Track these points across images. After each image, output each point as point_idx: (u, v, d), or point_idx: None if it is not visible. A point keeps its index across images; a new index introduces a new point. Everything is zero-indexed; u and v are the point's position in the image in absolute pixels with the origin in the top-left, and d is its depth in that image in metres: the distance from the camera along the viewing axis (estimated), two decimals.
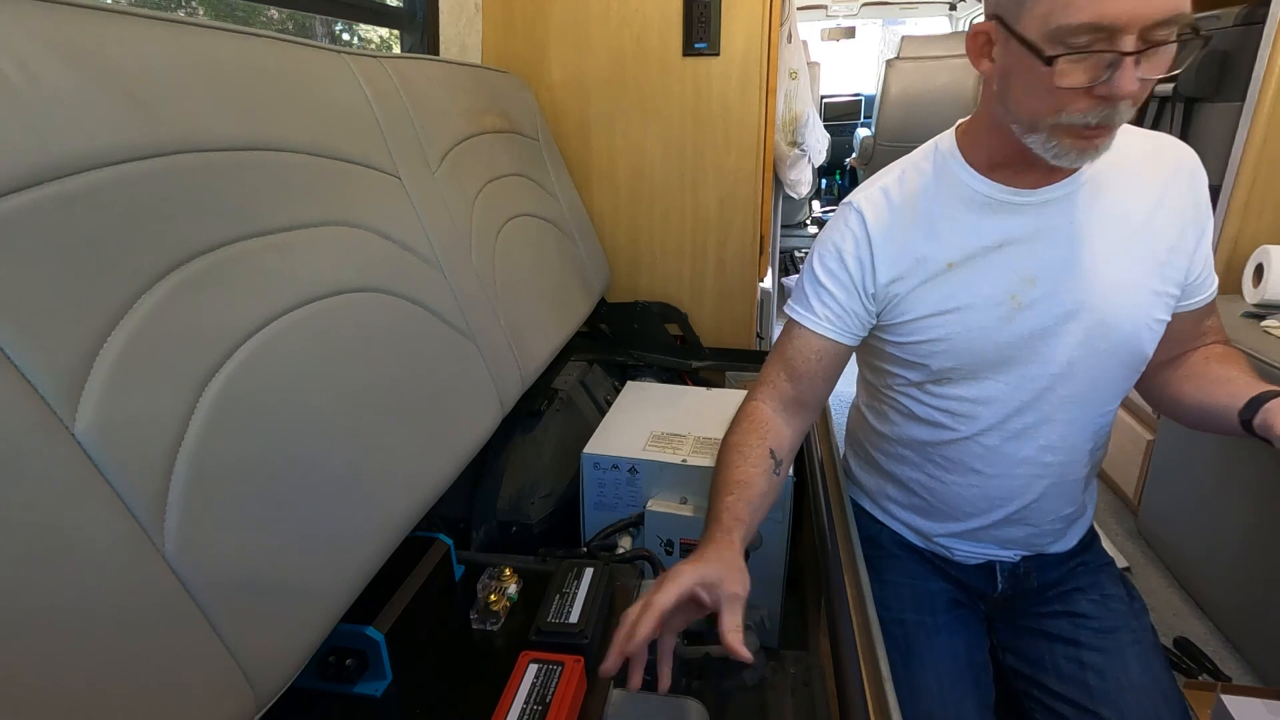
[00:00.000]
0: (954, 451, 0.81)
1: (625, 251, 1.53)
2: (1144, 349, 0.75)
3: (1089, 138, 0.63)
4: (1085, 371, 0.75)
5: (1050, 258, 0.72)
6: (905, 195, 0.77)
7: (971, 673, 0.80)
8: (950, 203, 0.75)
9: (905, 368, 0.81)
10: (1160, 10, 0.55)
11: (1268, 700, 0.83)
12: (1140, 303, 0.73)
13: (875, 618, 0.72)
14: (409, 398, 0.70)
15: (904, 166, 0.79)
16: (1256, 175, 1.36)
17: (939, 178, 0.76)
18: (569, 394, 1.20)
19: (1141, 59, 0.57)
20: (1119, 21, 0.55)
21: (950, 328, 0.75)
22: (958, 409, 0.79)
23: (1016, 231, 0.73)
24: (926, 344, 0.77)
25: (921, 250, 0.75)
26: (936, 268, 0.75)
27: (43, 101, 0.41)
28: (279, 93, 0.64)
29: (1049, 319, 0.73)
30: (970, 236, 0.74)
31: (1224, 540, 1.28)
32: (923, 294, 0.76)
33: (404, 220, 0.78)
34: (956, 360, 0.76)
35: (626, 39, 1.37)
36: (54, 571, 0.36)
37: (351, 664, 0.63)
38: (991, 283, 0.74)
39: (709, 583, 0.60)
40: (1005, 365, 0.76)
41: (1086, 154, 0.64)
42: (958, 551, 0.87)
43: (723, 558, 0.63)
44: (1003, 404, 0.77)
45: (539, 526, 1.00)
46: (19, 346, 0.37)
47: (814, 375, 0.80)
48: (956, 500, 0.83)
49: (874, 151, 3.83)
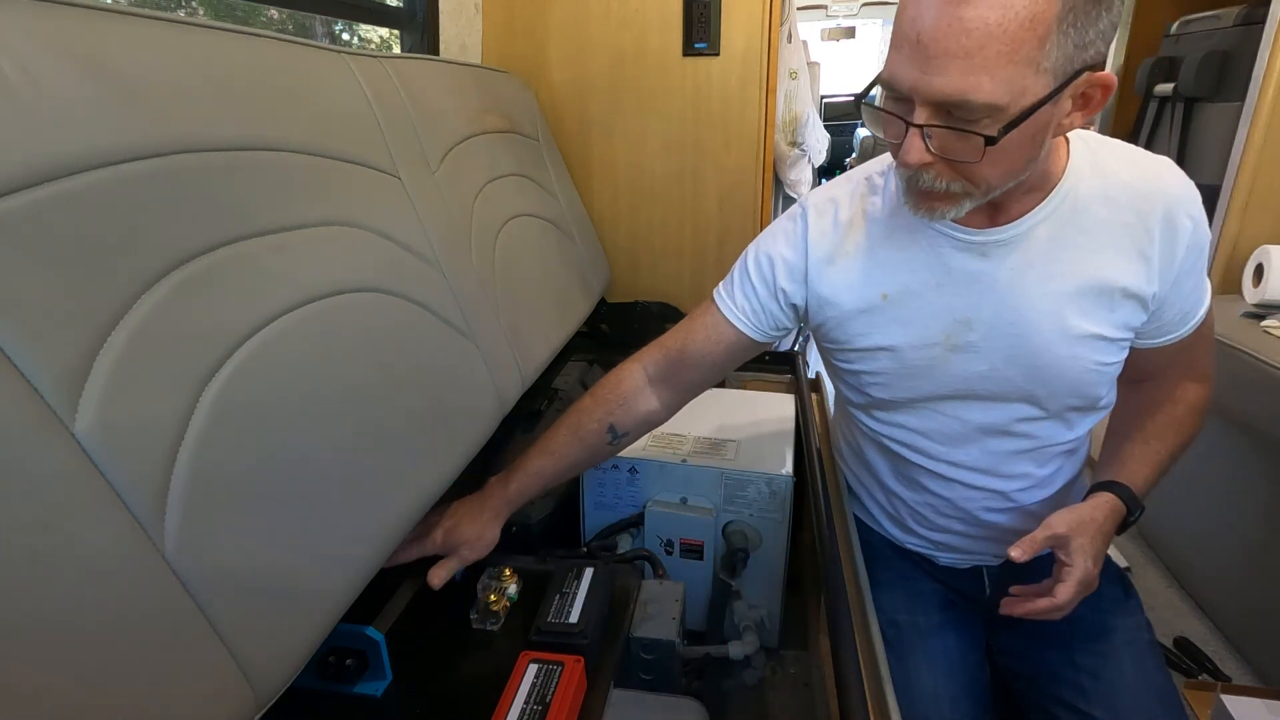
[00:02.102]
0: (908, 470, 0.82)
1: (625, 251, 1.53)
2: (1090, 391, 0.72)
3: (923, 196, 0.62)
4: (1027, 411, 0.73)
5: (988, 300, 0.69)
6: (853, 215, 0.74)
7: (966, 674, 0.80)
8: (895, 230, 0.72)
9: (851, 390, 0.81)
10: (941, 90, 0.52)
11: (1268, 700, 0.83)
12: (1080, 352, 0.69)
13: (875, 617, 0.72)
14: (409, 397, 0.70)
15: (862, 177, 0.76)
16: (1256, 175, 1.36)
17: (886, 199, 0.73)
18: (569, 394, 1.20)
19: (935, 136, 0.55)
20: (902, 88, 0.55)
21: (883, 363, 0.74)
22: (902, 437, 0.79)
23: (956, 273, 0.69)
24: (864, 375, 0.77)
25: (857, 277, 0.73)
26: (871, 298, 0.72)
27: (42, 101, 0.41)
28: (279, 93, 0.64)
29: (983, 364, 0.71)
30: (909, 270, 0.71)
31: (1224, 540, 1.28)
32: (856, 323, 0.74)
33: (404, 220, 0.78)
34: (892, 394, 0.76)
35: (626, 39, 1.37)
36: (54, 571, 0.36)
37: (351, 664, 0.63)
38: (924, 322, 0.71)
39: (452, 544, 0.75)
40: (943, 402, 0.75)
41: (922, 210, 0.63)
42: (942, 558, 0.87)
43: (470, 519, 0.77)
44: (945, 437, 0.77)
45: (539, 526, 1.00)
46: (19, 346, 0.37)
47: (708, 359, 0.80)
48: (919, 514, 0.84)
49: (874, 152, 3.83)
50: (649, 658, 0.73)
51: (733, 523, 0.94)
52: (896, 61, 0.55)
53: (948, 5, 0.50)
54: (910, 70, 0.53)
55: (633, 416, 0.81)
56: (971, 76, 0.51)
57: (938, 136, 0.56)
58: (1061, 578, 0.67)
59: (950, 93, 0.52)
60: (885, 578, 0.87)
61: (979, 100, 0.52)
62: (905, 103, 0.56)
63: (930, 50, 0.52)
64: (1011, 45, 0.50)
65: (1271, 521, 1.14)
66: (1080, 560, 0.66)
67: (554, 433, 0.82)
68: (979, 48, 0.50)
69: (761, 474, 0.90)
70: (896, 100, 0.57)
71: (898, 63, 0.54)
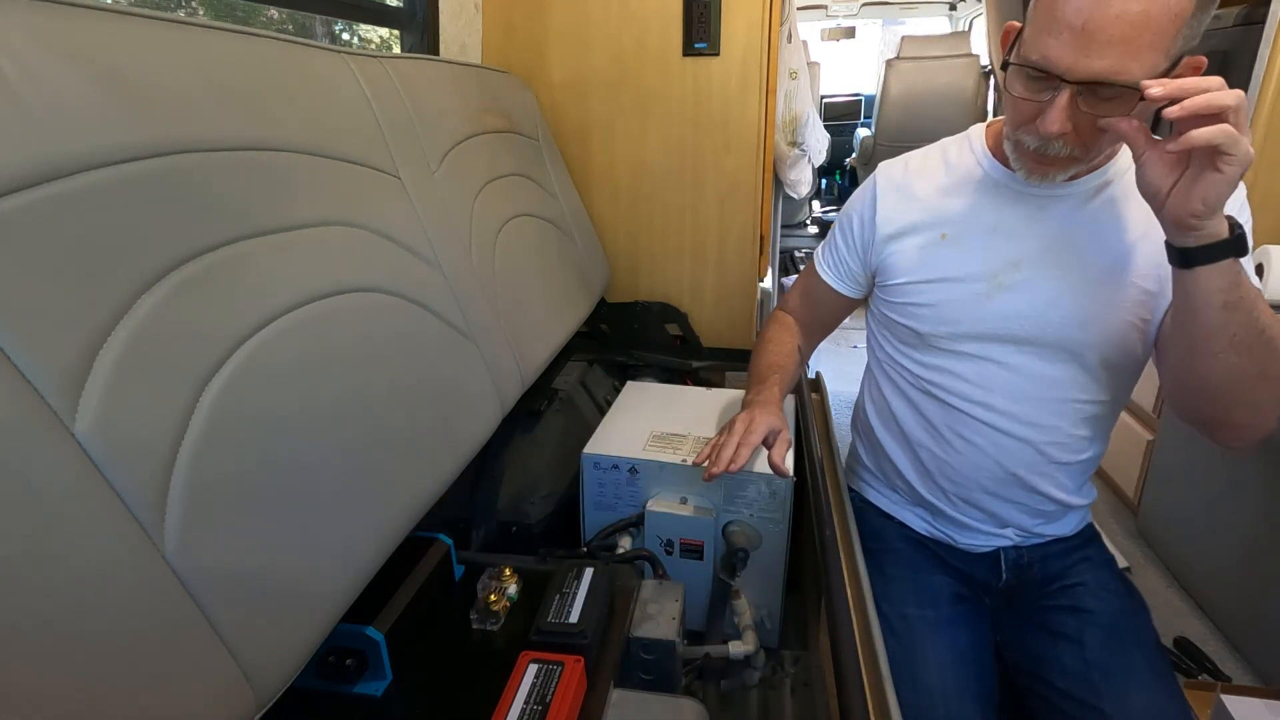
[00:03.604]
0: (944, 418, 0.85)
1: (625, 251, 1.53)
2: (1125, 345, 0.76)
3: (1039, 162, 0.70)
4: (1063, 358, 0.78)
5: (1039, 248, 0.77)
6: (921, 166, 0.86)
7: (974, 668, 0.80)
8: (958, 179, 0.82)
9: (896, 328, 0.88)
10: (1099, 71, 0.59)
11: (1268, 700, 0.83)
12: (1120, 302, 0.74)
13: (875, 617, 0.72)
14: (409, 398, 0.70)
15: (934, 146, 0.87)
16: (1257, 175, 1.36)
17: (958, 157, 0.83)
18: (569, 394, 1.20)
19: (1083, 98, 0.62)
20: (1058, 67, 0.61)
21: (935, 295, 0.82)
22: (942, 380, 0.84)
23: (1013, 219, 0.78)
24: (913, 306, 0.84)
25: (920, 215, 0.83)
26: (931, 235, 0.82)
27: (42, 101, 0.41)
28: (279, 93, 0.64)
29: (1026, 304, 0.77)
30: (968, 212, 0.80)
31: (1224, 540, 1.28)
32: (914, 257, 0.83)
33: (404, 220, 0.78)
34: (938, 326, 0.82)
35: (626, 39, 1.37)
36: (53, 572, 0.36)
37: (351, 664, 0.63)
38: (978, 259, 0.79)
39: (774, 429, 0.86)
40: (984, 340, 0.80)
41: (1035, 175, 0.72)
42: (961, 541, 0.87)
43: (777, 414, 0.89)
44: (982, 376, 0.81)
45: (539, 526, 1.00)
46: (19, 346, 0.37)
47: (823, 307, 0.98)
48: (947, 468, 0.86)
49: (874, 151, 3.83)
50: (649, 658, 0.73)
51: (733, 523, 0.94)
52: (1054, 46, 0.61)
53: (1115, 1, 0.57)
54: (1069, 54, 0.60)
55: (802, 342, 1.01)
56: (1125, 60, 0.58)
57: (1087, 99, 0.62)
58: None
59: (1104, 73, 0.59)
60: (896, 570, 0.88)
61: (1127, 80, 0.59)
62: (1048, 80, 0.63)
63: (1095, 37, 0.58)
64: (1158, 35, 0.58)
65: (1271, 521, 1.14)
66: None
67: (766, 354, 0.98)
68: (1136, 36, 0.58)
69: (761, 474, 0.90)
70: (1037, 78, 0.64)
71: (1054, 47, 0.61)
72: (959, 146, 0.84)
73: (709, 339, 1.52)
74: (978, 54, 3.61)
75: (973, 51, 3.63)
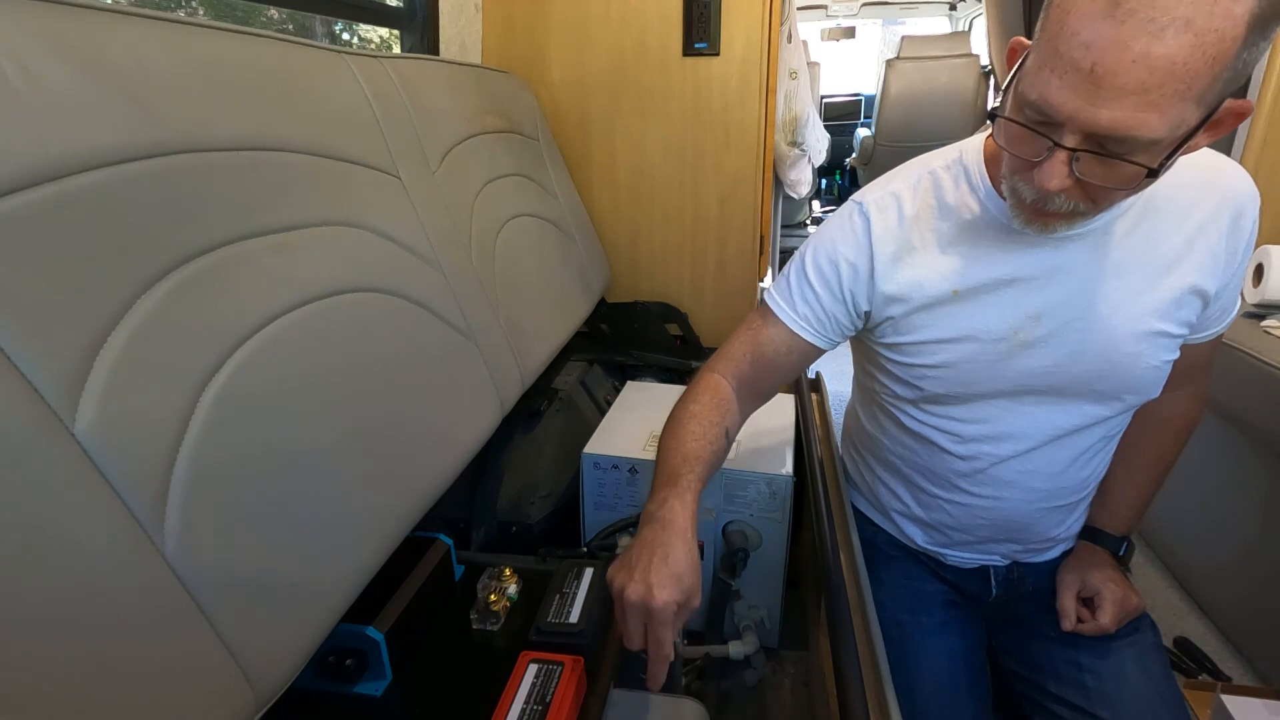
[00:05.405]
0: (942, 468, 0.79)
1: (625, 251, 1.53)
2: (1146, 389, 0.71)
3: (1038, 214, 0.60)
4: (1082, 408, 0.73)
5: (1060, 297, 0.68)
6: (919, 208, 0.71)
7: (968, 674, 0.80)
8: (965, 225, 0.69)
9: (897, 384, 0.78)
10: (1107, 125, 0.49)
11: (1268, 700, 0.83)
12: (1145, 349, 0.68)
13: (875, 617, 0.72)
14: (409, 398, 0.70)
15: (922, 172, 0.72)
16: (1257, 175, 1.34)
17: (958, 194, 0.70)
18: (569, 394, 1.20)
19: (1083, 161, 0.52)
20: (1058, 114, 0.51)
21: (947, 356, 0.72)
22: (947, 428, 0.77)
23: (1030, 267, 0.68)
24: (921, 368, 0.74)
25: (927, 274, 0.70)
26: (941, 294, 0.70)
27: (42, 101, 0.41)
28: (279, 93, 0.64)
29: (1048, 359, 0.70)
30: (981, 267, 0.69)
31: (1224, 540, 1.28)
32: (923, 320, 0.72)
33: (404, 220, 0.78)
34: (950, 388, 0.74)
35: (626, 39, 1.37)
36: (54, 571, 0.36)
37: (351, 664, 0.63)
38: (996, 317, 0.70)
39: (686, 604, 0.59)
40: (1000, 396, 0.73)
41: (1035, 226, 0.61)
42: (950, 557, 0.86)
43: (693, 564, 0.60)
44: (994, 430, 0.75)
45: (539, 526, 1.00)
46: (19, 346, 0.37)
47: (777, 368, 0.78)
48: (943, 514, 0.82)
49: (874, 151, 3.83)
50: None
51: (733, 523, 0.94)
52: (1055, 87, 0.50)
53: (1137, 39, 0.46)
54: (1073, 99, 0.49)
55: (735, 424, 0.78)
56: (1142, 113, 0.48)
57: (1087, 162, 0.52)
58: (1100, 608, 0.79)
59: (1116, 128, 0.49)
60: (888, 577, 0.87)
61: (1143, 136, 0.49)
62: (1052, 125, 0.52)
63: (1105, 82, 0.47)
64: (1188, 83, 0.46)
65: (1271, 521, 1.14)
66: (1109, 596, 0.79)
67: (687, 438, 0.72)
68: (1159, 85, 0.46)
69: (761, 474, 0.90)
70: (1040, 121, 0.53)
71: (1056, 88, 0.50)
72: (954, 180, 0.70)
73: (709, 339, 1.52)
74: (978, 54, 3.61)
75: (973, 51, 3.63)
